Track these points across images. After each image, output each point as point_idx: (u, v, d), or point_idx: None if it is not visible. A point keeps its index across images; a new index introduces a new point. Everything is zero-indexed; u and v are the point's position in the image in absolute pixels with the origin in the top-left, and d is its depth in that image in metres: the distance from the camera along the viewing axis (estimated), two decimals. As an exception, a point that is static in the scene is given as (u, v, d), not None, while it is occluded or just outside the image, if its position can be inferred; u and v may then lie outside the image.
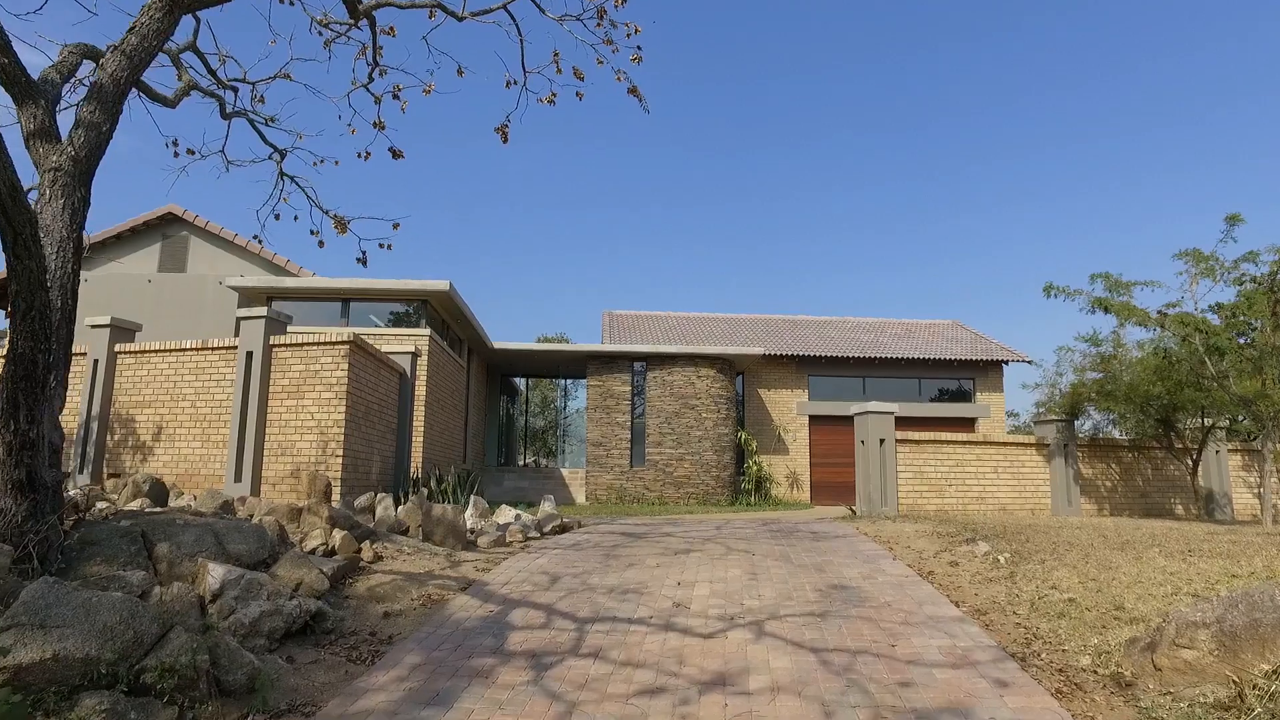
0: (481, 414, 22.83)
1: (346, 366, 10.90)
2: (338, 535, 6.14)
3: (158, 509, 6.24)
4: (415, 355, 13.84)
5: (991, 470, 12.65)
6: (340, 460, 10.71)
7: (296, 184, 8.97)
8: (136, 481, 7.06)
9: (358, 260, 9.22)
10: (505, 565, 6.73)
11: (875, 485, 11.90)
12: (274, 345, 11.13)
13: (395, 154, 9.01)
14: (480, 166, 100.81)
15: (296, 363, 11.12)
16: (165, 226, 18.48)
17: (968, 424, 24.00)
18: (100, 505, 5.99)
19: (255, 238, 9.43)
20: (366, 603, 5.26)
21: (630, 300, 73.77)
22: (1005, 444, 12.87)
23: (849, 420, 23.58)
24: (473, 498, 10.42)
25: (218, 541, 4.86)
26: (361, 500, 10.23)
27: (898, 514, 11.77)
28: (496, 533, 8.49)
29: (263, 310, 11.12)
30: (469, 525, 9.65)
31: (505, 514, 10.40)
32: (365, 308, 16.07)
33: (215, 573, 4.25)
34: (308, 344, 11.11)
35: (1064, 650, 4.22)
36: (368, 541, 6.47)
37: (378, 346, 14.38)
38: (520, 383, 28.49)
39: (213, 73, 7.80)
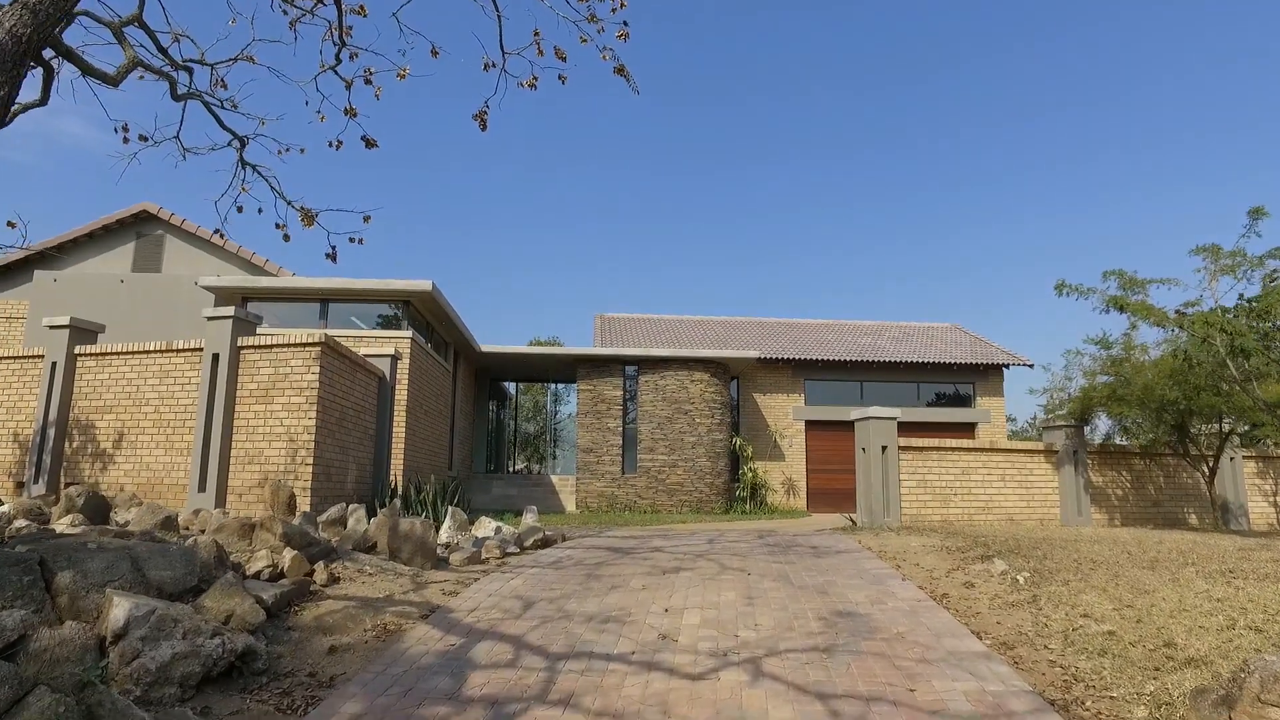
0: (469, 419, 22.17)
1: (318, 369, 10.28)
2: (288, 555, 5.51)
3: (76, 530, 5.59)
4: (395, 358, 13.21)
5: (998, 478, 12.06)
6: (310, 469, 10.07)
7: (259, 173, 8.33)
8: (70, 495, 6.41)
9: (326, 256, 8.61)
10: (476, 588, 6.10)
11: (877, 495, 11.30)
12: (242, 347, 10.51)
13: (369, 143, 8.41)
14: (471, 169, 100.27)
15: (265, 365, 10.49)
16: (139, 225, 17.83)
17: (968, 429, 23.45)
18: (19, 524, 5.34)
19: (217, 231, 8.81)
20: (312, 635, 4.63)
21: (624, 304, 73.11)
22: (1012, 450, 12.29)
23: (846, 425, 22.96)
24: (450, 509, 9.80)
25: (136, 568, 4.23)
26: (332, 512, 9.60)
27: (901, 525, 11.16)
28: (472, 548, 7.86)
29: (230, 310, 10.50)
30: (444, 539, 9.03)
31: (485, 526, 9.78)
32: (345, 309, 15.43)
33: (120, 608, 3.63)
34: (277, 345, 10.48)
35: (1112, 697, 3.62)
36: (323, 562, 5.83)
37: (356, 349, 13.76)
38: (511, 388, 27.85)
39: (163, 51, 7.17)
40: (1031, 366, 23.64)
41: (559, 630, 4.90)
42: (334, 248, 8.75)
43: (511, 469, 28.60)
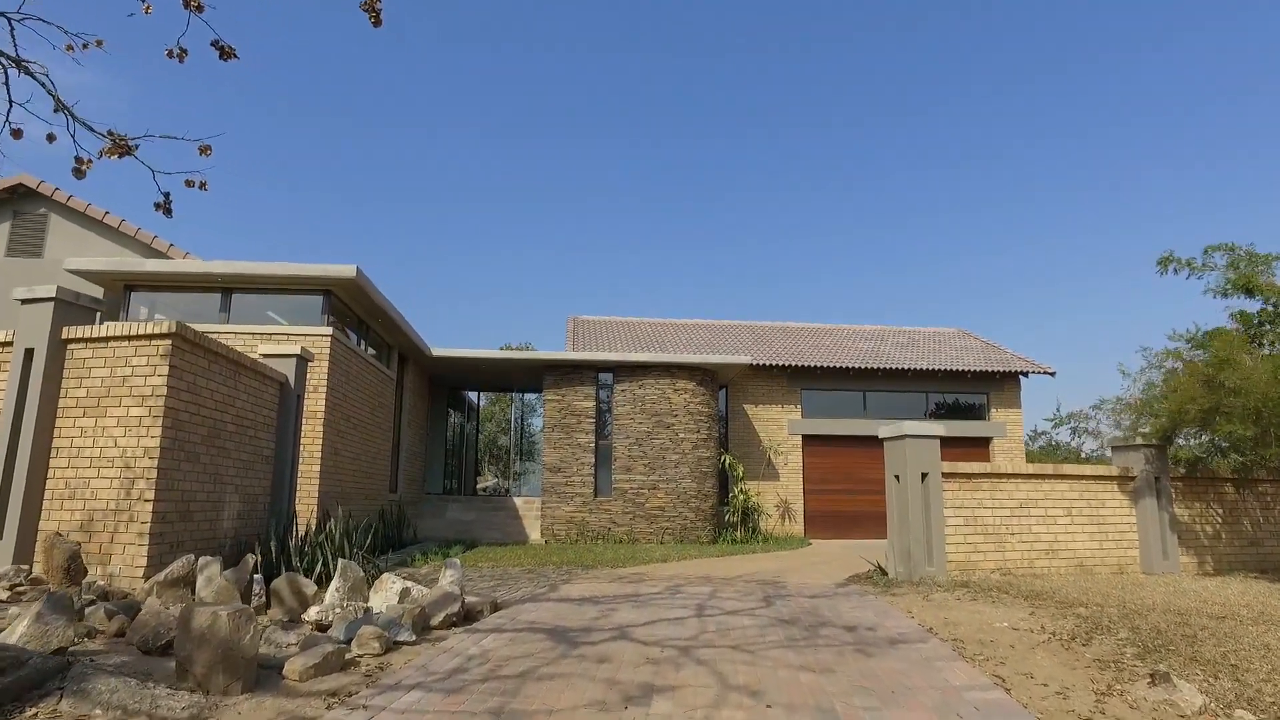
0: (421, 434, 19.36)
1: (166, 370, 7.51)
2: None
3: None
4: (302, 359, 10.39)
5: (1064, 513, 9.48)
6: (152, 506, 7.27)
7: (29, 73, 5.63)
8: None
9: (157, 206, 6.01)
10: (282, 754, 3.37)
11: (917, 535, 8.67)
12: (67, 340, 7.74)
13: (225, 53, 5.75)
14: (457, 167, 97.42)
15: (98, 365, 7.71)
16: (16, 202, 14.94)
17: (981, 444, 21.01)
18: None
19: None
20: None
21: (606, 309, 70.34)
22: (1079, 478, 9.71)
23: (848, 440, 20.53)
24: (342, 564, 7.04)
25: None
26: (174, 569, 6.90)
27: (948, 576, 8.55)
28: (339, 641, 5.12)
29: (50, 289, 7.74)
30: (313, 616, 6.27)
31: (386, 589, 7.00)
32: (258, 302, 12.57)
33: None
34: (115, 338, 7.71)
35: None
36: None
37: (255, 347, 11.02)
38: (477, 399, 25.05)
39: None
40: (1054, 375, 21.25)
41: None
42: (166, 195, 6.12)
43: (475, 488, 25.77)
